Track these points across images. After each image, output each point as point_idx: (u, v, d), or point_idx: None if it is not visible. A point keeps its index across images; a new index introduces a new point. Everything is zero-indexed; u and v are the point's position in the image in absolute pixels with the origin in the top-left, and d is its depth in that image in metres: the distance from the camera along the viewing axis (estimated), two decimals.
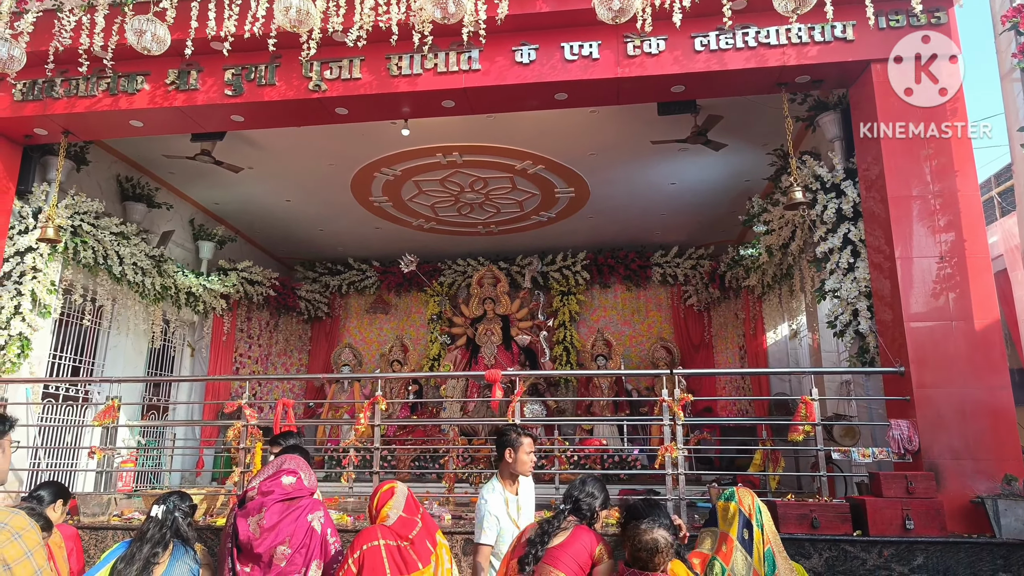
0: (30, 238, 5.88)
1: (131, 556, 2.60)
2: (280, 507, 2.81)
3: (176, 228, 8.18)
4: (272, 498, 2.81)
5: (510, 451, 3.22)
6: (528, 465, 3.24)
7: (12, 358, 5.71)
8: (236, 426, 5.03)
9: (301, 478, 2.91)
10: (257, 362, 9.74)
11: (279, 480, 2.88)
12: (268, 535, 2.73)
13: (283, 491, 2.85)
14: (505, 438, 3.25)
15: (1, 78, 5.59)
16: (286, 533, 2.75)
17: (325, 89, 5.32)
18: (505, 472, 3.26)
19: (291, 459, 3.01)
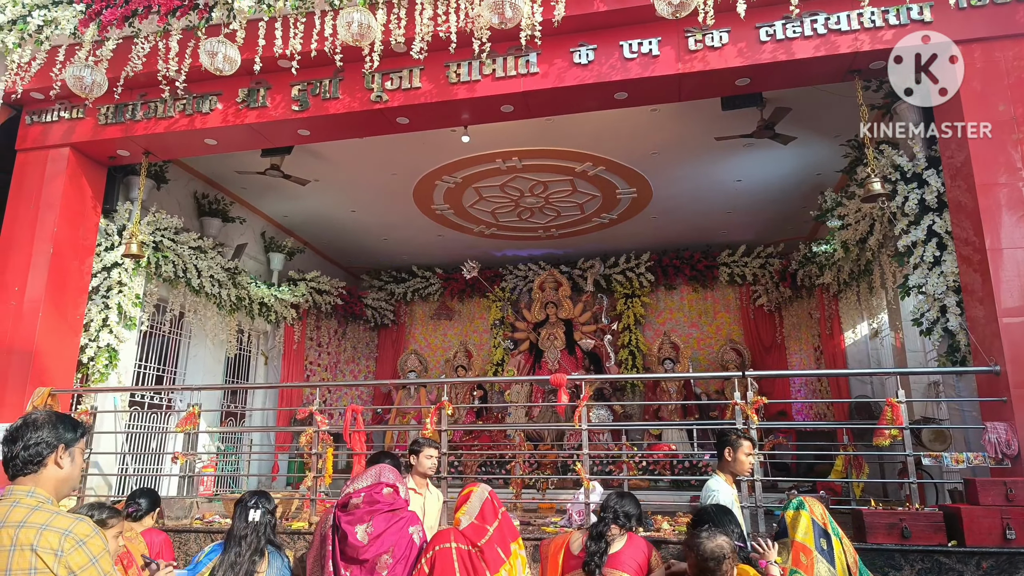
0: (116, 254, 6.20)
1: (232, 563, 2.66)
2: (385, 517, 2.91)
3: (249, 241, 8.50)
4: (378, 508, 2.92)
5: (729, 450, 3.42)
6: (747, 466, 3.43)
7: (101, 368, 6.03)
8: (308, 432, 5.15)
9: (397, 489, 2.99)
10: (327, 369, 9.99)
11: (380, 490, 2.96)
12: (375, 543, 2.83)
13: (386, 502, 2.96)
14: (725, 438, 3.46)
15: (85, 103, 5.92)
16: (390, 543, 2.86)
17: (387, 100, 5.41)
18: (726, 470, 3.45)
19: (388, 470, 3.08)
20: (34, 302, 5.68)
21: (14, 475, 1.88)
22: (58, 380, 5.70)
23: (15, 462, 1.88)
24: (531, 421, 9.32)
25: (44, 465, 1.89)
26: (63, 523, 1.79)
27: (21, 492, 1.85)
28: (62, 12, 5.62)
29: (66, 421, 1.97)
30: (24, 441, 1.88)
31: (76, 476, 1.99)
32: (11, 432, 1.90)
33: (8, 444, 1.89)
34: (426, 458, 3.96)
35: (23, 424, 1.91)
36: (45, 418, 1.94)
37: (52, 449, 1.90)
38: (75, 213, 6.06)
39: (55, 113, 6.09)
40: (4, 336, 5.64)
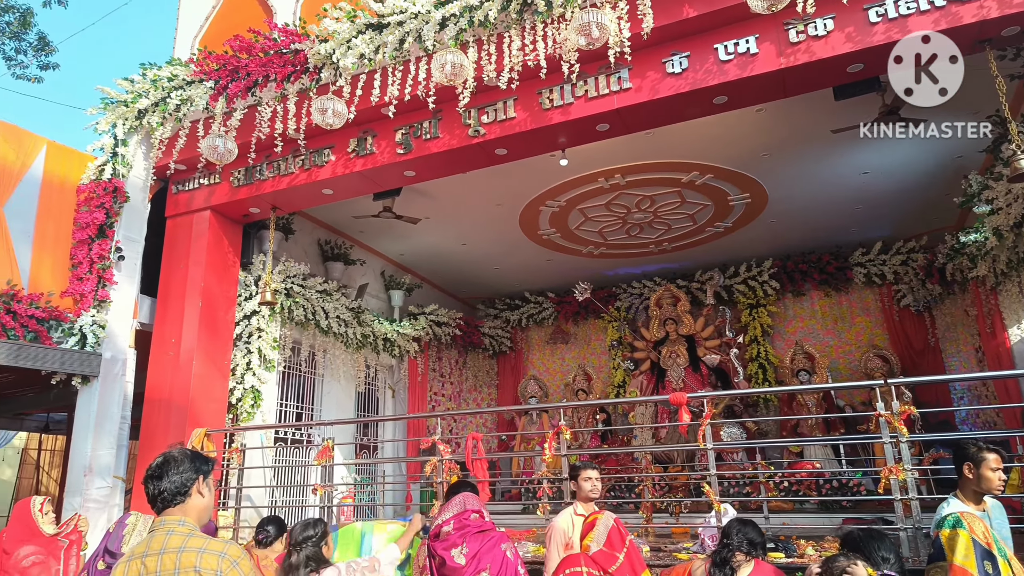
0: (254, 302, 6.75)
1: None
2: (477, 538, 3.02)
3: (370, 281, 8.97)
4: (469, 531, 2.99)
5: (969, 466, 3.00)
6: (995, 483, 2.97)
7: (247, 408, 6.54)
8: (432, 461, 5.28)
9: (482, 513, 3.05)
10: (450, 399, 10.26)
11: (468, 516, 3.06)
12: (472, 563, 2.93)
13: (475, 525, 3.04)
14: (963, 452, 3.05)
15: (220, 169, 6.53)
16: (486, 561, 2.94)
17: (484, 133, 5.54)
18: (967, 490, 3.02)
19: (471, 497, 3.16)
20: (189, 351, 6.28)
21: (163, 507, 2.10)
22: (212, 421, 6.24)
23: (164, 495, 2.10)
24: (658, 443, 9.02)
25: (189, 495, 2.12)
26: (218, 546, 2.02)
27: (173, 521, 2.07)
28: (195, 90, 6.27)
29: (199, 456, 2.20)
30: (170, 477, 2.10)
31: (212, 503, 2.21)
32: (155, 470, 2.12)
33: (155, 481, 2.11)
34: (584, 480, 3.73)
35: (165, 461, 2.13)
36: (181, 455, 2.16)
37: (194, 481, 2.13)
38: (218, 268, 6.66)
39: (196, 181, 6.76)
40: (165, 383, 6.27)
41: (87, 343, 6.02)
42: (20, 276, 5.88)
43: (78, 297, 6.15)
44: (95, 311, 6.14)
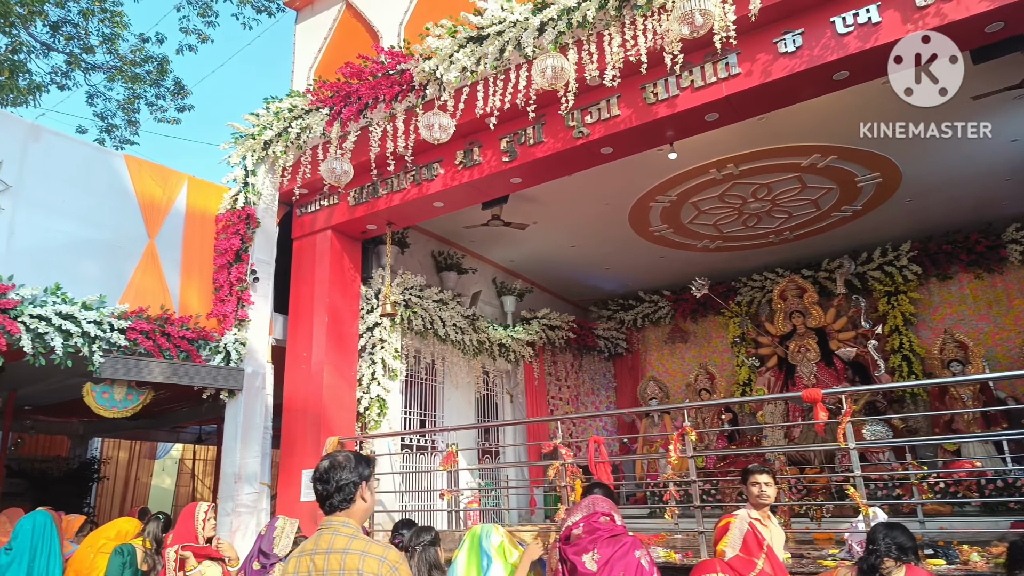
0: (375, 315, 7.05)
1: None
2: (609, 543, 2.93)
3: (482, 288, 9.13)
4: (599, 535, 2.95)
5: None
6: None
7: (375, 417, 6.84)
8: (555, 465, 5.28)
9: (613, 517, 2.98)
10: (568, 403, 10.23)
11: (597, 519, 2.99)
12: (604, 570, 2.85)
13: (606, 529, 2.98)
14: None
15: (338, 190, 6.89)
16: (619, 568, 2.85)
17: (588, 133, 5.49)
18: None
19: (601, 500, 3.08)
20: (319, 364, 6.66)
21: (330, 511, 2.23)
22: (343, 429, 6.58)
23: (331, 501, 2.22)
24: (791, 443, 8.53)
25: (354, 501, 2.23)
26: (378, 550, 2.12)
27: (338, 523, 2.19)
28: (312, 118, 6.64)
29: (361, 459, 2.30)
30: (336, 482, 2.22)
31: (373, 505, 2.32)
32: (321, 474, 2.25)
33: (322, 483, 2.24)
34: (752, 485, 3.56)
35: (330, 466, 2.25)
36: (345, 459, 2.27)
37: (357, 487, 2.24)
38: (341, 284, 7.02)
39: (317, 203, 7.17)
40: (300, 395, 6.68)
41: (231, 359, 6.52)
42: (172, 301, 6.46)
43: (221, 318, 6.67)
44: (236, 330, 6.64)
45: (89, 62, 12.16)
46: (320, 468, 2.23)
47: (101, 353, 5.62)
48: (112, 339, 5.70)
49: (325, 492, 2.21)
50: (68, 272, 5.74)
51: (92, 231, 6.07)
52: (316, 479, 2.24)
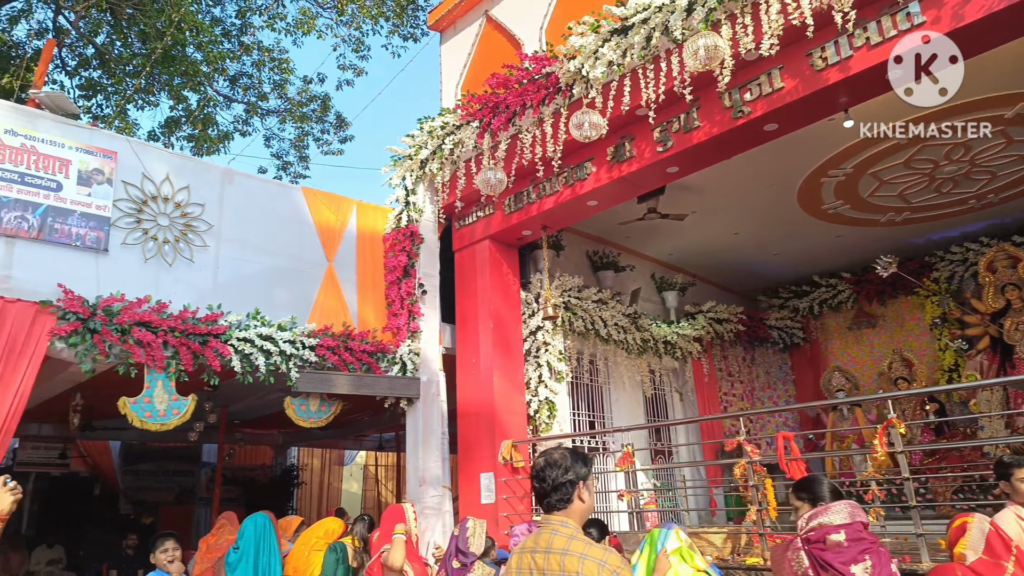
0: (537, 319, 7.12)
1: None
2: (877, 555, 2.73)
3: (641, 285, 8.91)
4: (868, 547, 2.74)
5: None
6: None
7: (545, 419, 6.89)
8: (741, 464, 4.98)
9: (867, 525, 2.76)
10: (742, 398, 9.69)
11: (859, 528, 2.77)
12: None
13: (870, 539, 2.78)
14: None
15: (493, 200, 7.03)
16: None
17: (749, 112, 5.15)
18: None
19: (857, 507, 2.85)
20: (487, 370, 6.83)
21: (548, 509, 2.22)
22: (515, 432, 6.69)
23: (548, 500, 2.22)
24: (1014, 433, 7.45)
25: (571, 501, 2.20)
26: (598, 554, 2.06)
27: (556, 522, 2.17)
28: (464, 132, 6.85)
29: (578, 458, 2.27)
30: (552, 480, 2.20)
31: (593, 504, 2.28)
32: (537, 471, 2.26)
33: (538, 482, 2.25)
34: (1018, 481, 3.20)
35: (546, 464, 2.25)
36: (561, 456, 2.25)
37: (575, 487, 2.21)
38: (502, 291, 7.17)
39: (474, 214, 7.38)
40: (472, 400, 6.89)
41: (407, 369, 6.87)
42: (351, 318, 6.93)
43: (395, 330, 7.05)
44: (410, 341, 7.00)
45: (264, 108, 13.56)
46: (536, 466, 2.23)
47: (296, 369, 6.15)
48: (304, 356, 6.22)
49: (542, 490, 2.20)
50: (264, 298, 6.34)
51: (280, 259, 6.66)
52: (533, 476, 2.25)
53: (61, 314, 5.09)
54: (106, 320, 5.22)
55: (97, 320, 5.19)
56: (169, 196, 6.05)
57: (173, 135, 12.22)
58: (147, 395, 5.45)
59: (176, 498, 12.89)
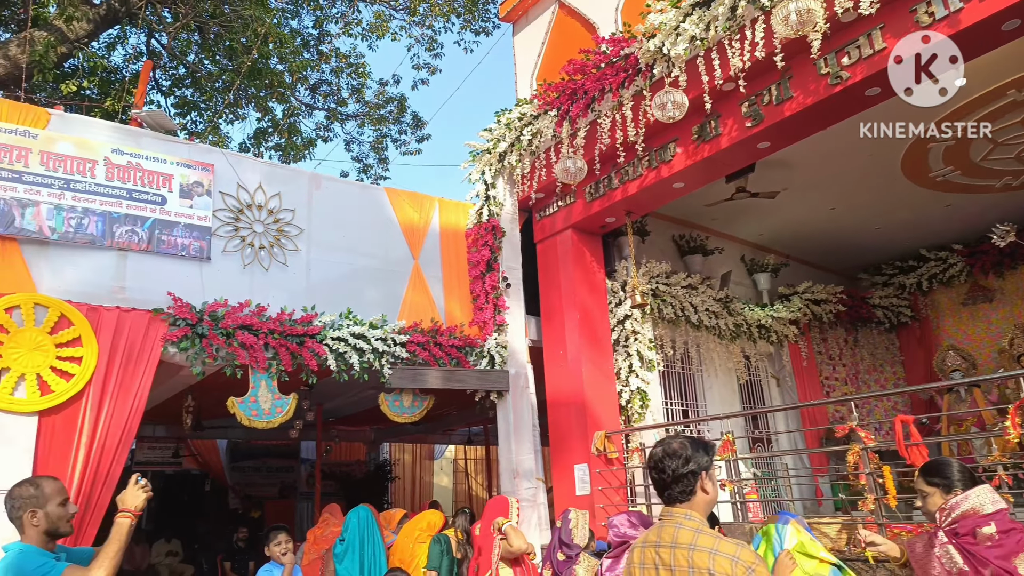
0: (624, 308, 6.97)
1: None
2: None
3: (731, 268, 8.59)
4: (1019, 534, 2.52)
5: None
6: None
7: (637, 409, 6.75)
8: (854, 449, 4.70)
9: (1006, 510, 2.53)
10: (846, 382, 9.19)
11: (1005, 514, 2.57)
12: None
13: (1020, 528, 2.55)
14: None
15: (574, 189, 6.93)
16: None
17: (847, 77, 4.83)
18: None
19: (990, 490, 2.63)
20: (575, 361, 6.76)
21: (670, 502, 2.13)
22: (607, 423, 6.59)
23: (669, 492, 2.12)
24: None
25: (694, 493, 2.11)
26: (730, 549, 1.95)
27: (680, 515, 2.08)
28: (542, 122, 6.77)
29: (699, 446, 2.16)
30: (672, 471, 2.11)
31: (716, 495, 2.17)
32: (655, 462, 2.17)
33: (656, 472, 2.16)
34: None
35: (664, 454, 2.15)
36: (680, 446, 2.15)
37: (697, 478, 2.11)
38: (587, 281, 7.06)
39: (554, 205, 7.30)
40: (562, 392, 6.83)
41: (495, 363, 6.89)
42: (439, 314, 7.00)
43: (481, 325, 7.08)
44: (496, 334, 7.01)
45: (343, 113, 13.95)
46: (654, 456, 2.14)
47: (389, 366, 6.28)
48: (396, 352, 6.33)
49: (661, 481, 2.11)
50: (355, 298, 6.49)
51: (368, 259, 6.80)
52: (651, 467, 2.15)
53: (172, 321, 5.38)
54: (212, 325, 5.48)
55: (204, 325, 5.45)
56: (262, 204, 6.28)
57: (262, 145, 12.77)
58: (252, 395, 5.68)
59: (279, 493, 13.51)
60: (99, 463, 4.83)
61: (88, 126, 5.71)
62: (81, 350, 4.92)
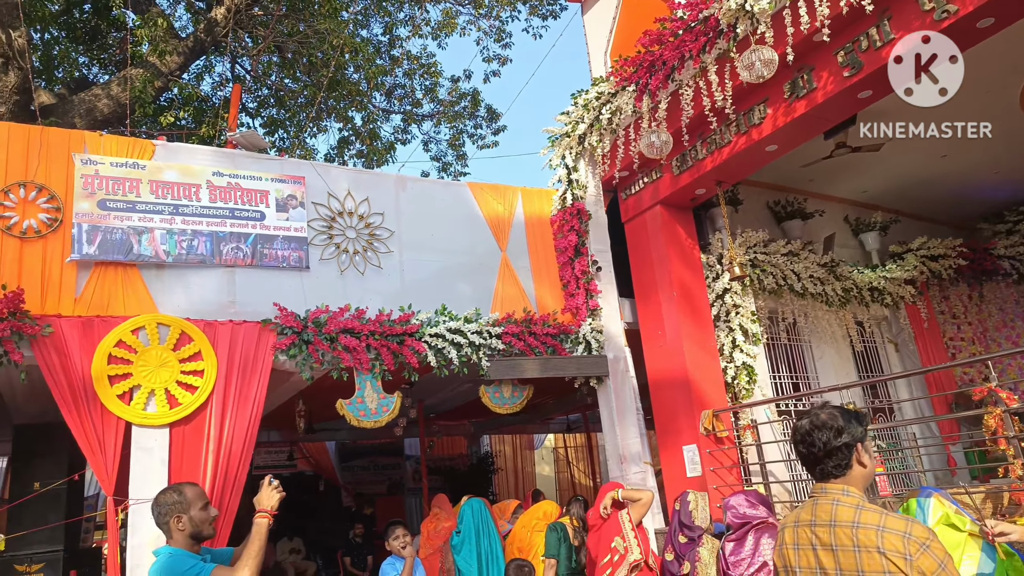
0: (721, 282, 6.71)
1: None
2: None
3: (834, 230, 8.10)
4: None
5: None
6: None
7: (744, 385, 6.49)
8: (995, 413, 4.32)
9: None
10: (973, 342, 8.50)
11: None
12: None
13: None
14: None
15: (660, 163, 6.72)
16: None
17: (955, 10, 4.42)
18: None
19: None
20: (675, 340, 6.57)
21: (823, 477, 1.99)
22: (714, 402, 6.37)
23: (821, 467, 1.98)
24: None
25: (850, 467, 1.95)
26: (898, 525, 1.79)
27: (836, 491, 1.94)
28: (620, 99, 6.60)
29: (850, 416, 2.00)
30: (822, 444, 1.95)
31: (874, 469, 2.01)
32: (803, 435, 2.02)
33: (804, 446, 2.01)
34: None
35: (812, 427, 2.00)
36: (829, 416, 1.98)
37: (851, 450, 1.95)
38: (681, 257, 6.84)
39: (639, 182, 7.11)
40: (664, 373, 6.66)
41: (592, 348, 6.80)
42: (530, 303, 6.98)
43: (574, 311, 7.01)
44: (590, 320, 6.92)
45: (419, 114, 14.18)
46: (800, 429, 2.00)
47: (486, 359, 6.31)
48: (492, 345, 6.36)
49: (811, 456, 1.96)
50: (447, 294, 6.57)
51: (457, 255, 6.86)
52: (798, 441, 2.00)
53: (279, 330, 5.61)
54: (316, 331, 5.68)
55: (309, 332, 5.65)
56: (352, 210, 6.45)
57: (345, 154, 13.18)
58: (359, 396, 5.86)
59: (387, 489, 13.98)
60: (227, 468, 5.11)
61: (190, 153, 6.03)
62: (202, 364, 5.22)
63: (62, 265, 5.12)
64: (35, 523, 6.17)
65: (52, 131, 5.61)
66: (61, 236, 5.19)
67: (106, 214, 5.35)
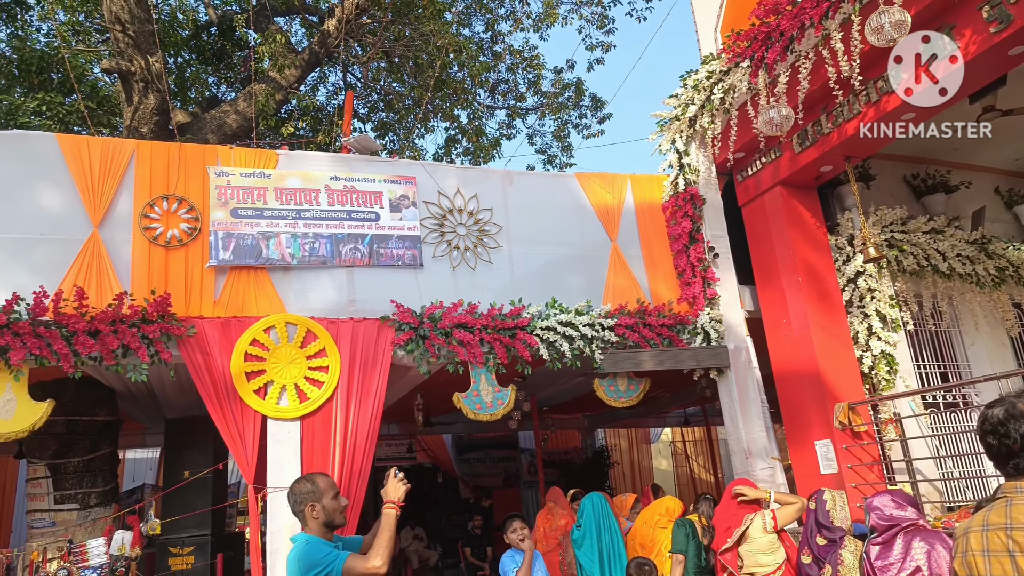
0: (855, 264, 6.22)
1: None
2: None
3: (984, 203, 7.31)
4: None
5: None
6: None
7: (884, 375, 5.99)
8: None
9: None
10: None
11: None
12: None
13: None
14: None
15: (780, 141, 6.32)
16: None
17: None
18: None
19: None
20: (802, 328, 6.17)
21: (1017, 473, 1.79)
22: (848, 393, 5.93)
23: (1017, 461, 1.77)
24: None
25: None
26: None
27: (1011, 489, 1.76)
28: (733, 76, 6.26)
29: None
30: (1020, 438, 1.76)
31: None
32: (994, 425, 1.83)
33: (996, 437, 1.81)
34: None
35: (1007, 416, 1.80)
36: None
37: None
38: (806, 239, 6.42)
39: (756, 163, 6.73)
40: (790, 364, 6.28)
41: (711, 339, 6.51)
42: (644, 293, 6.78)
43: (691, 300, 6.74)
44: (708, 309, 6.62)
45: (523, 108, 14.21)
46: (991, 419, 1.76)
47: (599, 351, 6.19)
48: (605, 337, 6.23)
49: (1005, 450, 1.73)
50: (558, 286, 6.50)
51: (566, 247, 6.77)
52: (988, 431, 1.77)
53: (397, 326, 5.78)
54: (432, 326, 5.80)
55: (425, 327, 5.78)
56: (462, 207, 6.52)
57: (452, 153, 13.44)
58: (475, 389, 5.92)
59: (503, 482, 14.16)
60: (352, 460, 5.33)
61: (309, 160, 6.32)
62: (327, 360, 5.47)
63: (202, 270, 5.53)
64: (185, 509, 6.71)
65: (188, 147, 6.06)
66: (200, 244, 5.60)
67: (238, 221, 5.72)
